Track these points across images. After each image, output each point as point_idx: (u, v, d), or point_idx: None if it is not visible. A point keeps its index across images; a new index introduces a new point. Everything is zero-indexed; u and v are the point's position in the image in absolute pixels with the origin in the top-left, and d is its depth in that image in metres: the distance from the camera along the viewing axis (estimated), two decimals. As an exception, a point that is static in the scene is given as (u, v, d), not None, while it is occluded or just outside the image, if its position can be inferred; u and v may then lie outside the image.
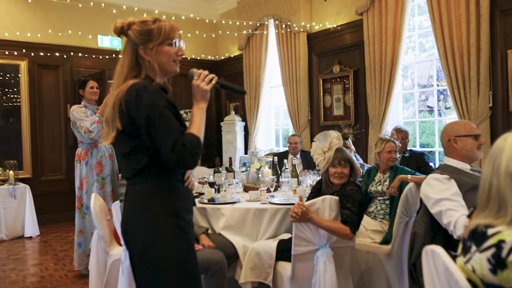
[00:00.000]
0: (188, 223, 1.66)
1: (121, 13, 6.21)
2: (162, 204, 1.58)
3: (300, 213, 2.41)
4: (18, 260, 4.55)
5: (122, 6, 6.29)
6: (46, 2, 5.87)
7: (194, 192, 3.60)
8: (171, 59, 1.67)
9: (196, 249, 2.52)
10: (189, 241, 1.65)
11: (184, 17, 6.95)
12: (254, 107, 6.86)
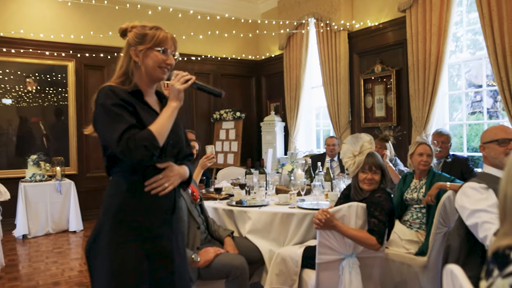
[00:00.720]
0: (134, 230, 1.58)
1: (156, 14, 6.33)
2: (110, 208, 1.59)
3: (324, 220, 2.30)
4: (60, 254, 4.74)
5: (157, 7, 6.40)
6: (91, 5, 6.07)
7: (224, 194, 3.58)
8: (157, 64, 1.66)
9: (218, 252, 2.52)
10: (129, 252, 1.56)
11: (219, 17, 6.95)
12: (294, 108, 6.76)
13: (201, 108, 7.42)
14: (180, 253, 1.71)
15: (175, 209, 1.71)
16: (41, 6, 5.98)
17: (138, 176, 1.61)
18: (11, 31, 5.76)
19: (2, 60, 5.82)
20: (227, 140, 7.21)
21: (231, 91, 7.67)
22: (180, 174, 1.70)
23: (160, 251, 1.62)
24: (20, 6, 5.85)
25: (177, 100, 1.65)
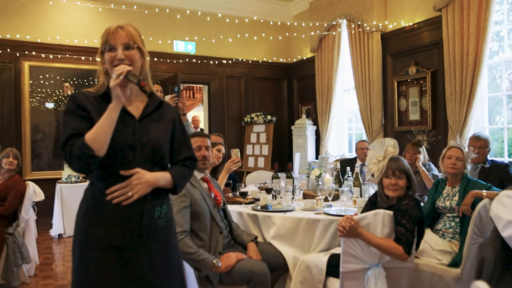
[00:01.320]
0: (94, 238, 1.53)
1: (185, 18, 6.41)
2: (79, 213, 1.59)
3: (348, 228, 2.21)
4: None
5: (186, 11, 6.47)
6: (122, 11, 6.21)
7: (251, 198, 3.54)
8: (111, 64, 1.58)
9: (240, 258, 2.47)
10: (90, 260, 1.52)
11: (247, 20, 6.94)
12: (326, 111, 6.64)
13: (232, 111, 7.43)
14: (153, 263, 1.60)
15: (142, 219, 1.57)
16: (76, 13, 6.17)
17: (103, 183, 1.55)
18: (48, 38, 5.97)
19: (42, 66, 6.05)
20: (258, 144, 7.18)
21: (263, 94, 7.64)
22: (148, 182, 1.56)
23: (123, 262, 1.53)
24: (57, 14, 6.06)
25: (115, 100, 1.51)
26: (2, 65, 5.81)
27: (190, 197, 2.58)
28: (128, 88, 1.58)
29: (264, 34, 7.16)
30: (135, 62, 1.62)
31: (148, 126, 1.65)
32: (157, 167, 1.64)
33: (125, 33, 1.61)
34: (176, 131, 1.74)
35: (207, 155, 2.80)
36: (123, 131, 1.58)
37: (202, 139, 2.83)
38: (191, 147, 1.80)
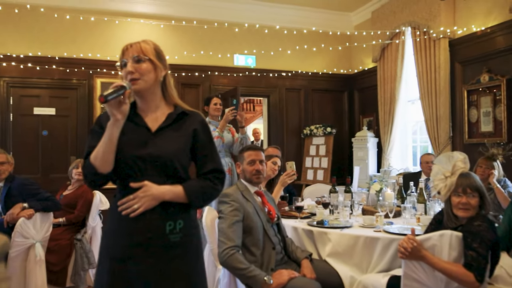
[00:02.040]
0: (106, 248, 1.63)
1: (244, 31, 6.47)
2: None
3: (410, 249, 2.05)
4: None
5: (244, 24, 6.56)
6: (182, 27, 6.41)
7: (307, 213, 3.44)
8: (126, 79, 1.60)
9: (292, 276, 2.39)
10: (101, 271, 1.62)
11: (306, 31, 6.89)
12: (388, 122, 6.37)
13: (292, 123, 7.36)
14: (163, 279, 1.58)
15: (148, 232, 1.57)
16: (140, 31, 6.45)
17: (120, 195, 1.59)
18: (116, 55, 6.30)
19: (111, 82, 6.39)
20: (317, 156, 7.03)
21: (323, 106, 7.51)
22: (153, 195, 1.54)
23: (126, 274, 1.55)
24: (123, 33, 6.37)
25: (111, 117, 1.54)
26: (77, 82, 6.22)
27: (243, 211, 2.54)
28: (123, 104, 1.56)
29: (323, 45, 7.05)
30: (144, 74, 1.62)
31: (163, 138, 1.64)
32: (171, 180, 1.60)
33: (134, 48, 1.64)
34: (199, 143, 1.68)
35: (261, 169, 2.75)
36: (136, 144, 1.61)
37: (256, 152, 2.80)
38: (217, 159, 1.72)
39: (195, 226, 1.70)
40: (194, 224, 1.70)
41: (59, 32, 6.07)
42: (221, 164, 1.74)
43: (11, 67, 5.85)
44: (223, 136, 4.16)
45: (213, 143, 1.76)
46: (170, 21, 6.39)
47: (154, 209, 1.57)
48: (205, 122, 1.75)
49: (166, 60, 1.73)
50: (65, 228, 3.96)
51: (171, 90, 1.73)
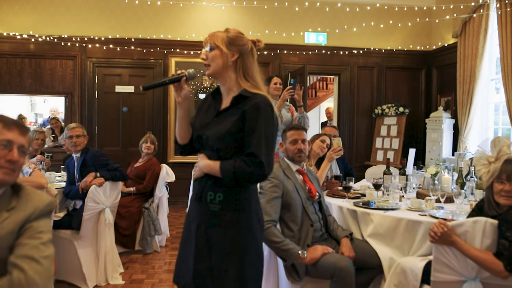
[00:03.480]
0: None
1: (317, 9, 6.41)
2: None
3: (440, 234, 2.01)
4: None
5: (316, 3, 6.46)
6: (258, 7, 6.50)
7: (357, 193, 3.43)
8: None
9: (326, 252, 2.45)
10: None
11: (379, 5, 6.61)
12: (466, 103, 5.95)
13: (363, 103, 7.19)
14: (189, 239, 1.83)
15: (200, 198, 1.80)
16: (213, 13, 6.69)
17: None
18: (192, 35, 6.63)
19: (185, 61, 6.75)
20: (388, 137, 6.82)
21: (397, 84, 7.21)
22: (200, 167, 1.79)
23: (185, 231, 1.91)
24: (197, 14, 6.65)
25: (176, 99, 1.86)
26: (154, 62, 6.68)
27: (282, 188, 2.64)
28: (181, 89, 1.81)
29: (400, 21, 6.72)
30: (212, 61, 1.79)
31: (220, 120, 1.79)
32: (220, 157, 1.75)
33: (210, 37, 1.82)
34: (245, 126, 1.73)
35: (302, 148, 2.81)
36: (200, 124, 1.86)
37: (298, 132, 2.85)
38: (257, 144, 1.70)
39: (238, 204, 1.76)
40: (238, 202, 1.76)
41: (137, 15, 6.54)
42: (260, 150, 1.70)
43: (96, 49, 6.45)
44: (281, 115, 4.24)
45: (260, 128, 1.72)
46: (241, 3, 6.54)
47: (202, 178, 1.80)
48: (257, 106, 1.73)
49: (241, 45, 1.81)
50: (135, 197, 4.38)
51: (240, 74, 1.80)
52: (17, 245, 1.34)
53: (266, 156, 1.70)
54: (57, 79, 6.50)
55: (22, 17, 6.34)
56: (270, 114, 1.75)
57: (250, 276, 1.75)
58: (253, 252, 1.78)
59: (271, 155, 1.74)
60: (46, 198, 1.50)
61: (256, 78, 1.83)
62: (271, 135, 1.75)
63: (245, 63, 1.82)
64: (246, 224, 1.77)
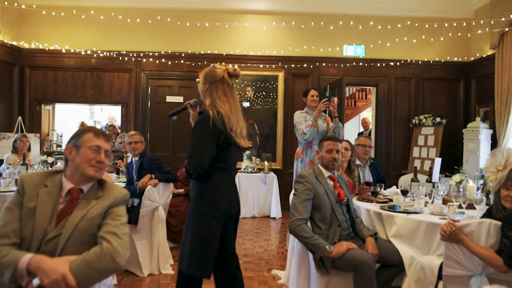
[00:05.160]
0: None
1: (355, 22, 6.72)
2: None
3: (449, 232, 2.30)
4: (256, 234, 5.68)
5: (354, 15, 6.81)
6: (300, 20, 6.88)
7: (385, 198, 3.72)
8: None
9: (350, 247, 2.78)
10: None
11: (419, 20, 6.85)
12: (504, 114, 6.03)
13: (401, 113, 7.38)
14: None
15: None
16: (254, 31, 7.14)
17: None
18: (233, 50, 7.13)
19: (230, 73, 7.25)
20: (425, 146, 6.97)
21: (435, 95, 7.36)
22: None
23: None
24: (242, 31, 7.14)
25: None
26: (201, 73, 7.22)
27: (314, 191, 3.00)
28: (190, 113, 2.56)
29: (439, 33, 6.89)
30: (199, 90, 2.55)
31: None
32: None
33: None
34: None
35: (337, 157, 3.15)
36: None
37: (334, 143, 3.19)
38: (190, 145, 2.37)
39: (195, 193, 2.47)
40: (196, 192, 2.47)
41: (187, 33, 7.13)
42: (190, 151, 2.37)
43: (149, 62, 7.09)
44: (317, 125, 4.58)
45: (194, 136, 2.38)
46: (281, 23, 6.97)
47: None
48: (198, 119, 2.40)
49: (211, 77, 2.46)
50: (184, 197, 4.87)
51: (209, 97, 2.46)
52: (103, 224, 1.80)
53: (193, 153, 2.35)
54: (115, 90, 7.19)
55: (86, 35, 7.09)
56: (203, 123, 2.34)
57: (197, 240, 2.39)
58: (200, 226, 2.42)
59: (198, 153, 2.34)
60: (123, 191, 1.96)
61: (219, 99, 2.43)
62: (201, 139, 2.35)
63: (212, 89, 2.45)
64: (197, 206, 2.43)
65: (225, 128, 2.37)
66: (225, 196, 2.46)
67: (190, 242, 2.38)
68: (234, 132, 2.42)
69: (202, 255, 2.37)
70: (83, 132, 1.93)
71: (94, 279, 1.66)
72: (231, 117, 2.40)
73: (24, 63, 7.10)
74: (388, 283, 3.05)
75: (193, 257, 2.36)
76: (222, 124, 2.36)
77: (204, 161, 2.34)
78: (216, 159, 2.40)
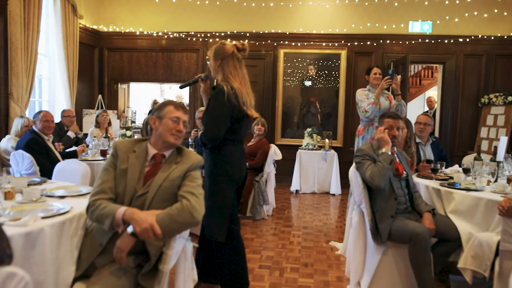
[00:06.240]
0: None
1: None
2: None
3: (507, 208, 2.35)
4: (316, 208, 5.88)
5: None
6: (361, 2, 6.82)
7: (445, 175, 3.74)
8: None
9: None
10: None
11: None
12: None
13: (468, 91, 7.13)
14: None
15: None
16: (317, 9, 7.16)
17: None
18: (296, 29, 7.23)
19: (293, 52, 7.39)
20: (494, 127, 6.70)
21: (507, 73, 7.00)
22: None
23: None
24: (303, 11, 7.20)
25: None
26: (265, 53, 7.42)
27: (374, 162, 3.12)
28: (200, 86, 2.82)
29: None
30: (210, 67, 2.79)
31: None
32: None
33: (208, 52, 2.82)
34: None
35: (397, 134, 3.23)
36: None
37: (395, 120, 3.26)
38: (206, 118, 2.63)
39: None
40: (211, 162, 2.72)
41: (251, 13, 7.33)
42: (207, 123, 2.63)
43: (215, 43, 7.34)
44: (379, 102, 4.62)
45: (209, 108, 2.63)
46: (344, 0, 6.92)
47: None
48: (213, 93, 2.62)
49: (221, 54, 2.67)
50: (247, 171, 5.14)
51: (221, 73, 2.67)
52: (182, 185, 2.08)
53: (209, 125, 2.62)
54: (184, 69, 7.61)
55: (158, 17, 7.54)
56: (219, 98, 2.55)
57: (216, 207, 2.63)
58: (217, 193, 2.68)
59: (214, 125, 2.58)
60: (198, 157, 2.23)
61: (231, 74, 2.64)
62: (217, 112, 2.57)
63: (224, 65, 2.66)
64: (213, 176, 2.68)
65: (238, 102, 2.58)
66: (237, 165, 2.73)
67: (209, 210, 2.48)
68: (246, 105, 2.65)
69: (220, 221, 2.64)
70: (165, 105, 2.22)
71: (175, 230, 1.96)
72: (242, 91, 2.63)
73: (103, 45, 7.71)
74: (445, 257, 3.13)
75: (214, 223, 2.63)
76: (235, 98, 2.57)
77: (220, 133, 2.58)
78: (229, 131, 2.64)
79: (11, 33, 5.30)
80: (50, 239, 1.86)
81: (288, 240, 4.37)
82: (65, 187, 2.70)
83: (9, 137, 4.53)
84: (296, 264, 3.72)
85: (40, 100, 6.72)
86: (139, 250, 2.00)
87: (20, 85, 5.42)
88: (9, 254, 1.25)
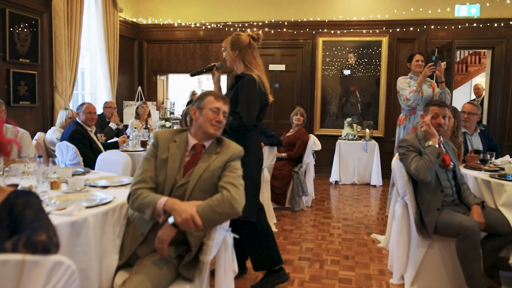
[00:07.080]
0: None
1: None
2: None
3: None
4: (356, 200, 5.76)
5: None
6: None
7: (494, 166, 3.54)
8: None
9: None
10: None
11: None
12: None
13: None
14: None
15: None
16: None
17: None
18: (339, 16, 7.05)
19: (332, 40, 7.23)
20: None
21: None
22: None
23: None
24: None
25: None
26: (303, 41, 7.31)
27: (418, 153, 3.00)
28: (214, 75, 2.94)
29: None
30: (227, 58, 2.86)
31: (228, 93, 2.78)
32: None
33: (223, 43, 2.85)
34: (238, 95, 2.68)
35: (442, 123, 3.07)
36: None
37: (441, 108, 3.10)
38: (240, 106, 2.63)
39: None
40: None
41: (289, 1, 7.20)
42: (242, 110, 2.61)
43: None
44: (422, 90, 4.43)
45: (243, 96, 2.63)
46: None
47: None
48: (243, 81, 2.66)
49: (238, 44, 2.75)
50: (286, 161, 5.11)
51: (241, 62, 2.75)
52: (223, 176, 2.06)
53: (244, 113, 2.62)
54: (221, 60, 7.51)
55: (195, 8, 7.57)
56: (251, 86, 2.62)
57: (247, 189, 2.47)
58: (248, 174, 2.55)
59: (249, 113, 2.63)
60: (238, 147, 2.20)
61: (251, 63, 2.73)
62: (251, 100, 2.63)
63: (243, 55, 2.74)
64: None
65: (264, 89, 2.72)
66: (261, 148, 2.90)
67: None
68: (267, 92, 2.76)
69: (252, 202, 2.67)
70: (205, 95, 2.20)
71: (215, 221, 1.94)
72: (263, 79, 2.74)
73: (142, 37, 7.84)
74: (495, 253, 2.98)
75: (246, 204, 2.60)
76: (263, 86, 2.70)
77: (252, 120, 2.66)
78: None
79: (55, 28, 5.48)
80: (94, 228, 1.90)
81: (328, 232, 4.30)
82: (107, 177, 2.75)
83: (54, 129, 4.69)
84: (336, 256, 3.65)
85: (83, 93, 6.94)
86: (180, 240, 2.01)
87: (64, 78, 5.60)
88: (56, 243, 1.27)
